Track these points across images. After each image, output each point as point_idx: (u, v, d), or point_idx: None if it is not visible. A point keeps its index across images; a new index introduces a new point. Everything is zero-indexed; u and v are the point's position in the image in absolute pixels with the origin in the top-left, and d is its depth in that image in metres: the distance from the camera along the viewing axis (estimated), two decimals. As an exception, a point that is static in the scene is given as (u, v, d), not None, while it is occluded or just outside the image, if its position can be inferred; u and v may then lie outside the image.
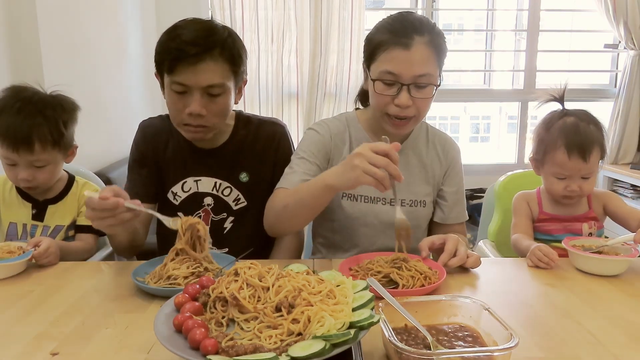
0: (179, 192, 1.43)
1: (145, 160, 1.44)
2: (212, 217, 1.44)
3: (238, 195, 1.44)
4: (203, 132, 1.32)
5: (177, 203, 1.43)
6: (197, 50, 1.21)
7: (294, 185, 1.29)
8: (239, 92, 1.37)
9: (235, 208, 1.44)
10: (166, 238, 1.39)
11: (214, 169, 1.43)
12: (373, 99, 1.31)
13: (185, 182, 1.43)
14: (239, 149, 1.44)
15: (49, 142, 1.35)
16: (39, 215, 1.45)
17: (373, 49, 1.27)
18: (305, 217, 1.26)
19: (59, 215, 1.46)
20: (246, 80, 1.40)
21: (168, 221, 1.14)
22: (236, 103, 1.37)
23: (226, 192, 1.43)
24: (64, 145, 1.41)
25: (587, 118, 1.35)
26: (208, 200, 1.43)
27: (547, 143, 1.36)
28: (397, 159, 1.03)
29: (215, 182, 1.43)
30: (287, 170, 1.36)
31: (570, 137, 1.32)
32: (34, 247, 1.24)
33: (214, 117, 1.29)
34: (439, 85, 1.28)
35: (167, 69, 1.25)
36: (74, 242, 1.45)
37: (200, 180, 1.43)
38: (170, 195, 1.44)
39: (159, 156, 1.44)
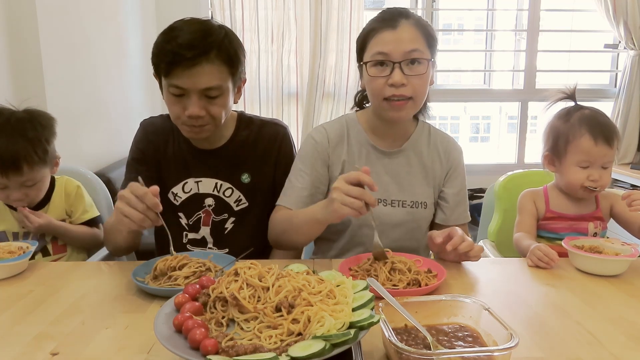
0: (180, 192, 1.43)
1: (145, 159, 1.43)
2: (213, 217, 1.43)
3: (239, 196, 1.44)
4: (202, 131, 1.31)
5: (177, 204, 1.43)
6: (193, 54, 1.20)
7: (293, 203, 1.36)
8: (238, 91, 1.37)
9: (236, 209, 1.44)
10: (164, 238, 1.38)
11: (215, 170, 1.42)
12: (369, 87, 1.32)
13: (186, 182, 1.42)
14: (240, 149, 1.43)
15: (36, 162, 1.37)
16: None
17: (363, 39, 1.32)
18: (302, 241, 1.37)
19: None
20: (245, 80, 1.39)
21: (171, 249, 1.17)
22: (235, 102, 1.37)
23: (227, 193, 1.43)
24: (49, 160, 1.44)
25: (601, 112, 1.40)
26: (209, 201, 1.43)
27: (569, 132, 1.37)
28: (371, 182, 1.08)
29: (216, 183, 1.43)
30: (287, 183, 1.40)
31: (594, 124, 1.35)
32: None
33: (213, 118, 1.29)
34: (431, 60, 1.29)
35: (164, 72, 1.24)
36: (77, 226, 1.48)
37: (201, 181, 1.42)
38: (170, 196, 1.43)
39: (159, 155, 1.43)
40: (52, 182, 1.51)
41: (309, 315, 0.72)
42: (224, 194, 1.43)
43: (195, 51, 1.20)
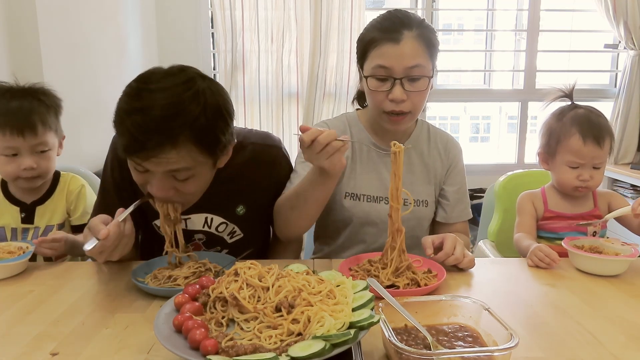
0: None
1: (119, 189, 1.25)
2: (204, 250, 1.31)
3: (234, 228, 1.31)
4: (177, 209, 1.14)
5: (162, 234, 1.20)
6: (155, 142, 0.98)
7: None
8: (226, 154, 1.15)
9: (230, 241, 1.33)
10: (150, 247, 1.34)
11: (204, 206, 1.24)
12: (368, 97, 1.32)
13: None
14: (232, 180, 1.25)
15: (49, 123, 1.39)
16: (28, 218, 1.44)
17: (364, 47, 1.29)
18: (312, 213, 1.22)
19: (48, 215, 1.46)
20: (235, 141, 1.16)
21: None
22: (220, 166, 1.16)
23: (221, 228, 1.29)
24: (59, 129, 1.45)
25: (596, 112, 1.40)
26: (199, 235, 1.30)
27: (561, 132, 1.38)
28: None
29: (206, 218, 1.27)
30: (292, 174, 1.36)
31: (584, 124, 1.35)
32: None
33: (186, 196, 1.11)
34: (432, 77, 1.28)
35: (120, 151, 1.03)
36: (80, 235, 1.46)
37: (189, 218, 1.26)
38: (155, 226, 1.30)
39: (136, 187, 1.16)
40: (57, 177, 1.50)
41: (309, 315, 0.73)
42: (216, 229, 1.29)
43: (159, 138, 0.98)
